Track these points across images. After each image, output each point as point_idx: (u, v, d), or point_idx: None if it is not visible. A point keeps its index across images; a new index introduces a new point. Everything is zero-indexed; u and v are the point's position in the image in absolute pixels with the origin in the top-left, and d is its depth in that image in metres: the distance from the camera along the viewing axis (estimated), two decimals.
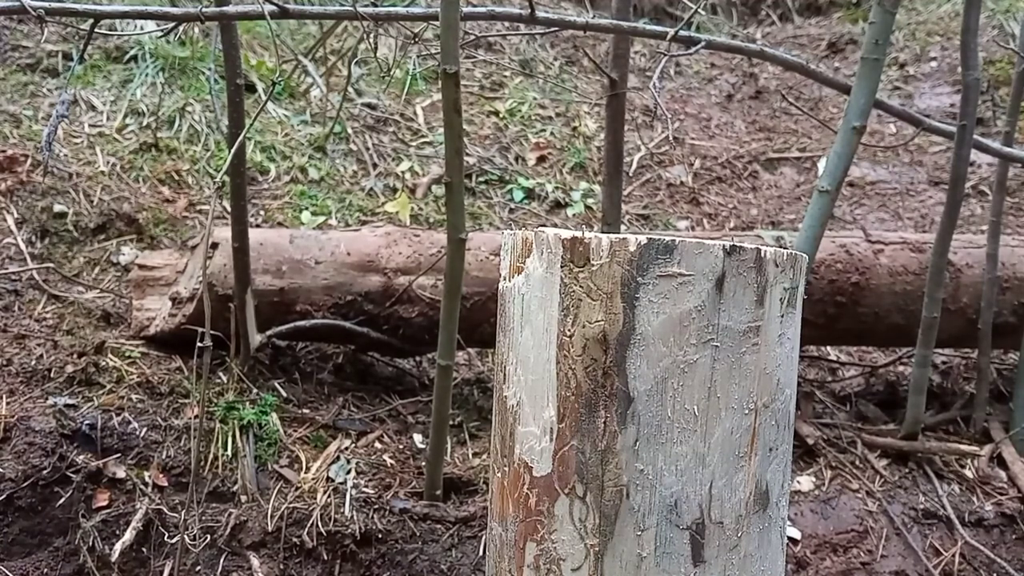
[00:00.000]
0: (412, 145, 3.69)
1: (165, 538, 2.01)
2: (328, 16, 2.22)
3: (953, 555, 2.21)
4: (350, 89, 3.75)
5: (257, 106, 2.12)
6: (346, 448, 2.27)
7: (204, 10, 1.79)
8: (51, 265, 2.60)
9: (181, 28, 3.61)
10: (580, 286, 0.67)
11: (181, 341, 2.32)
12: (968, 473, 2.40)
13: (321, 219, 3.12)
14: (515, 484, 0.71)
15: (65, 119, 3.03)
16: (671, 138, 4.11)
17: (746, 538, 0.70)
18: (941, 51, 4.79)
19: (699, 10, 1.93)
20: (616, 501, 0.67)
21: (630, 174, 3.83)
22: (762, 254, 0.67)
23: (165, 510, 2.04)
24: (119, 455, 2.09)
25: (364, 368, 2.63)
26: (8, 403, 2.08)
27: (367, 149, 3.57)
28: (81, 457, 2.04)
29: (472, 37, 2.72)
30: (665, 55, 1.98)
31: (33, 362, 2.22)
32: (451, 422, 2.32)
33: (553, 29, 1.96)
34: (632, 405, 0.66)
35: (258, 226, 2.92)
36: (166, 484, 2.10)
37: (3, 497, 1.94)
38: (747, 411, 0.68)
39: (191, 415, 2.20)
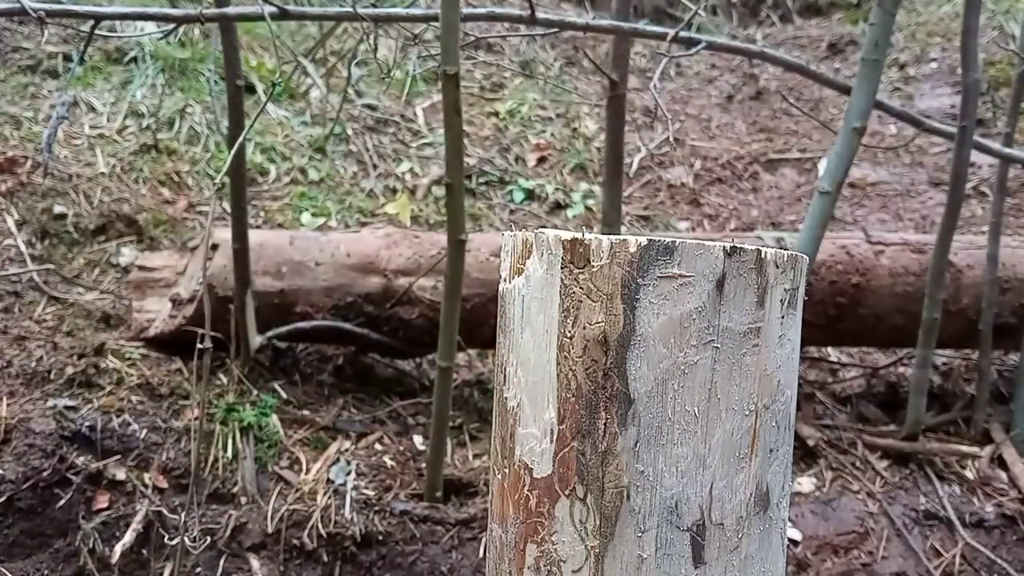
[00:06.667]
0: (412, 146, 3.69)
1: (165, 540, 2.01)
2: (328, 17, 2.22)
3: (954, 556, 2.20)
4: (350, 90, 3.75)
5: (257, 107, 2.12)
6: (346, 450, 2.27)
7: (204, 11, 1.79)
8: (51, 266, 2.60)
9: (181, 29, 3.61)
10: (580, 287, 0.66)
11: (181, 343, 2.32)
12: (969, 474, 2.40)
13: (321, 220, 3.12)
14: (515, 486, 0.71)
15: (65, 121, 3.03)
16: (671, 139, 4.11)
17: (747, 540, 0.70)
18: (941, 52, 4.79)
19: (699, 11, 1.93)
20: (616, 503, 0.67)
21: (630, 175, 3.82)
22: (763, 255, 0.67)
23: (165, 512, 2.04)
24: (119, 457, 2.09)
25: (364, 369, 2.63)
26: (8, 405, 2.08)
27: (367, 150, 3.57)
28: (81, 459, 2.04)
29: (472, 38, 2.72)
30: (665, 56, 1.98)
31: (33, 364, 2.22)
32: (451, 424, 2.32)
33: (553, 30, 1.96)
34: (632, 406, 0.66)
35: (258, 227, 2.92)
36: (166, 486, 2.09)
37: (3, 499, 1.94)
38: (747, 412, 0.68)
39: (191, 417, 2.20)
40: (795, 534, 2.21)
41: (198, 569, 2.01)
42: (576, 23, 1.96)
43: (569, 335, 0.67)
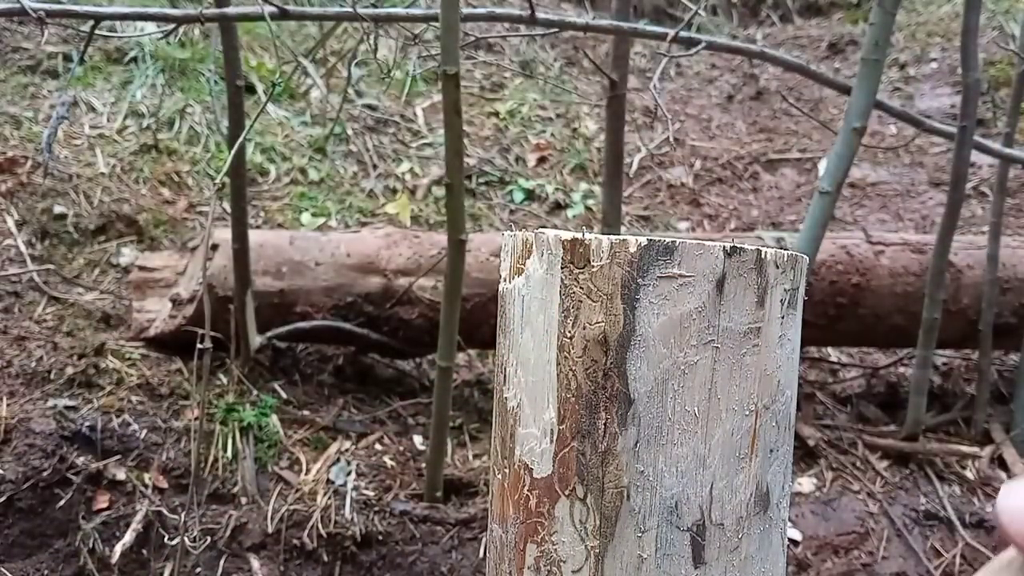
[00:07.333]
0: (412, 146, 3.69)
1: (165, 540, 2.01)
2: (328, 17, 2.22)
3: (954, 556, 2.20)
4: (350, 90, 3.75)
5: (257, 107, 2.12)
6: (346, 450, 2.27)
7: (204, 11, 1.79)
8: (51, 267, 2.60)
9: (181, 30, 3.61)
10: (580, 287, 0.66)
11: (181, 343, 2.32)
12: (969, 474, 2.40)
13: (321, 220, 3.12)
14: (515, 486, 0.71)
15: (65, 121, 3.03)
16: (671, 139, 4.11)
17: (747, 540, 0.70)
18: (941, 52, 4.79)
19: (699, 11, 1.93)
20: (616, 503, 0.67)
21: (630, 175, 3.82)
22: (763, 255, 0.67)
23: (165, 512, 2.04)
24: (119, 457, 2.09)
25: (364, 370, 2.63)
26: (8, 405, 2.08)
27: (367, 150, 3.57)
28: (81, 459, 2.04)
29: (472, 38, 2.72)
30: (665, 56, 1.98)
31: (33, 364, 2.22)
32: (451, 424, 2.32)
33: (553, 30, 1.96)
34: (632, 406, 0.66)
35: (258, 227, 2.92)
36: (166, 486, 2.10)
37: (3, 499, 1.94)
38: (748, 412, 0.68)
39: (191, 417, 2.20)
40: (795, 534, 2.21)
41: (198, 569, 2.01)
42: (576, 23, 1.96)
43: (569, 335, 0.67)
